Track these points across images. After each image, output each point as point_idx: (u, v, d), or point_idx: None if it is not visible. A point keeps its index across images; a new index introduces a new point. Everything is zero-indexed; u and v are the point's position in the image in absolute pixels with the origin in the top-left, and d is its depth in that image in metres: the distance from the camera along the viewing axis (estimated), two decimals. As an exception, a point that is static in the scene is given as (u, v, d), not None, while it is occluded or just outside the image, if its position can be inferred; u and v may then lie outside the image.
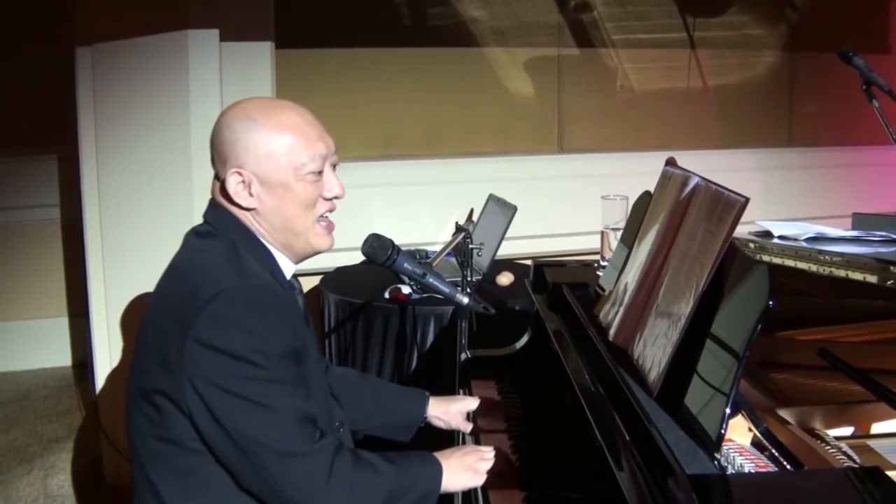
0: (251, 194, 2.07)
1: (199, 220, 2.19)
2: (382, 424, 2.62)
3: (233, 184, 2.06)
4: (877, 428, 2.01)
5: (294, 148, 2.06)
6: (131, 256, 4.17)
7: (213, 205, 2.16)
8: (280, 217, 2.10)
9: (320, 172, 2.12)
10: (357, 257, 4.18)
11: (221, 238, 2.09)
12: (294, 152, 2.06)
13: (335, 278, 4.30)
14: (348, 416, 2.46)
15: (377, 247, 2.47)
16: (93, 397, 4.50)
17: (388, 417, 2.62)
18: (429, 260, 3.18)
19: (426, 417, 2.65)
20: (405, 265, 2.48)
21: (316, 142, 2.10)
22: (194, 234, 2.16)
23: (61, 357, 5.97)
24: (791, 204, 5.26)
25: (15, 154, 5.62)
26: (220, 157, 2.10)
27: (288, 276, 2.19)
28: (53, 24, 5.07)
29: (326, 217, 2.18)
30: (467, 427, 2.63)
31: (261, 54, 4.36)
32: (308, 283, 4.08)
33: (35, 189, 5.75)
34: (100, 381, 4.36)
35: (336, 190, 2.17)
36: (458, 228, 3.20)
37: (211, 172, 2.18)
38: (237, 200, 2.08)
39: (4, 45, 5.39)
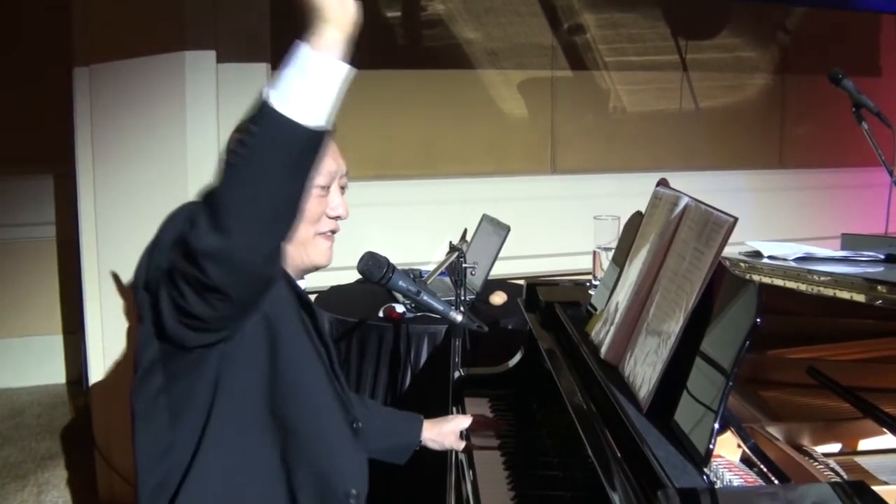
0: None
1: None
2: (378, 448, 2.61)
3: None
4: (864, 445, 2.04)
5: None
6: (127, 275, 4.18)
7: None
8: None
9: (327, 189, 2.15)
10: (351, 276, 4.23)
11: None
12: None
13: (329, 297, 4.32)
14: None
15: (372, 265, 2.50)
16: (87, 414, 4.52)
17: (384, 442, 2.63)
18: (423, 279, 3.21)
19: (421, 441, 2.67)
20: (400, 283, 2.51)
21: (326, 158, 2.11)
22: None
23: (55, 374, 5.98)
24: (782, 225, 5.30)
25: (11, 171, 5.65)
26: None
27: None
28: (50, 42, 5.11)
29: (327, 233, 2.21)
30: (460, 445, 2.65)
31: (257, 75, 4.38)
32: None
33: (31, 207, 5.77)
34: (94, 398, 4.38)
35: (340, 210, 2.19)
36: (452, 248, 3.23)
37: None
38: None
39: (1, 63, 5.42)
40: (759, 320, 1.58)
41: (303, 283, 2.27)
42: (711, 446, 1.58)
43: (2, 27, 5.34)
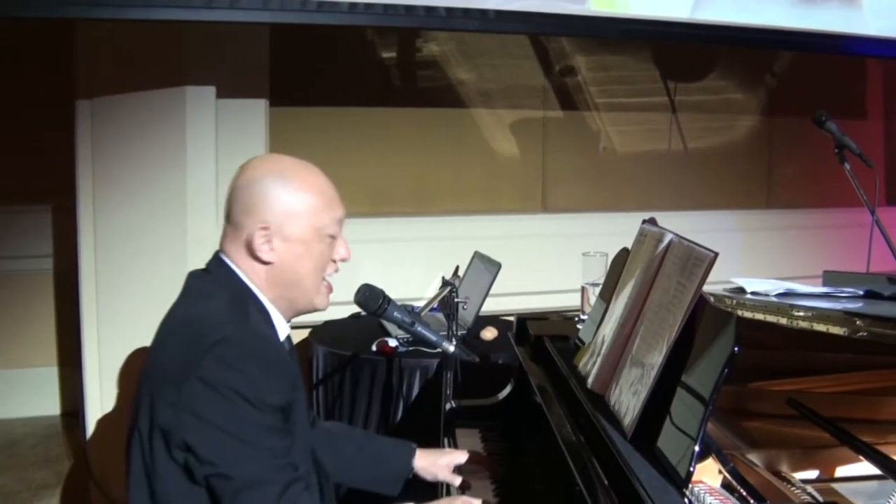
0: (272, 249, 2.15)
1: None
2: (369, 476, 2.65)
3: (258, 238, 2.13)
4: (841, 472, 2.11)
5: (319, 209, 2.17)
6: (125, 307, 4.23)
7: (217, 258, 2.23)
8: (293, 272, 2.18)
9: (335, 236, 2.23)
10: (345, 311, 4.28)
11: (225, 287, 2.16)
12: (318, 213, 2.17)
13: (324, 331, 4.36)
14: (334, 468, 2.52)
15: (369, 296, 2.57)
16: (83, 445, 4.55)
17: (374, 469, 2.65)
18: (417, 312, 3.26)
19: (413, 469, 2.66)
20: (395, 314, 2.58)
21: (337, 206, 2.21)
22: (196, 275, 2.24)
23: (50, 406, 5.99)
24: (768, 263, 5.34)
25: (9, 204, 5.69)
26: (245, 209, 2.16)
27: (282, 336, 2.25)
28: (50, 75, 5.17)
29: (328, 278, 2.28)
30: (455, 480, 2.62)
31: (255, 111, 4.47)
32: (297, 336, 4.16)
33: (29, 239, 5.80)
34: (90, 429, 4.41)
35: (344, 253, 2.27)
36: (445, 283, 3.29)
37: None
38: (258, 254, 2.14)
39: (2, 95, 5.47)
40: (737, 349, 1.65)
41: (297, 318, 2.34)
42: (692, 469, 1.65)
43: (3, 59, 5.40)
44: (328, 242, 2.21)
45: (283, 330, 2.26)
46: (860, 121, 6.05)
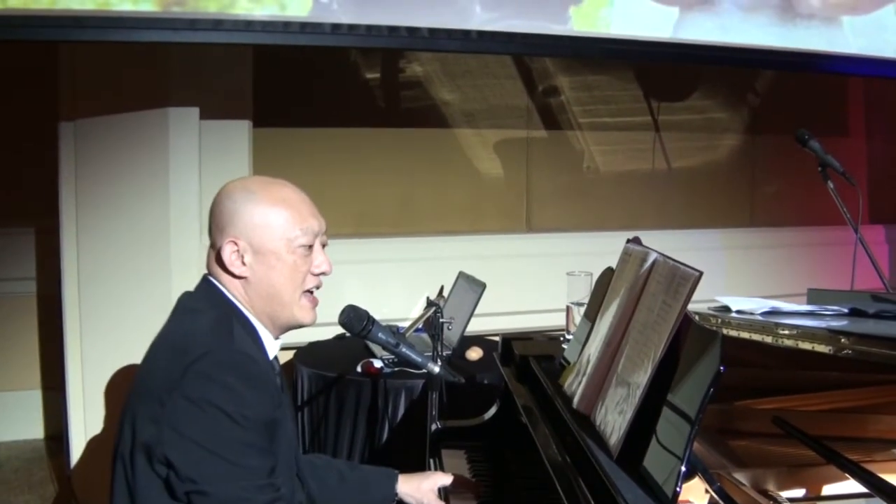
0: (244, 263, 2.17)
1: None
2: None
3: (228, 252, 2.16)
4: (827, 490, 2.10)
5: (288, 221, 2.18)
6: (109, 329, 4.21)
7: (205, 279, 2.26)
8: (269, 286, 2.19)
9: (310, 247, 2.23)
10: (330, 332, 4.27)
11: (212, 306, 2.18)
12: (288, 225, 2.18)
13: (308, 352, 4.35)
14: (318, 499, 2.52)
15: (354, 317, 2.56)
16: (67, 469, 4.52)
17: (358, 498, 2.65)
18: (401, 332, 3.26)
19: (396, 495, 2.66)
20: (380, 335, 2.57)
21: (309, 218, 2.21)
22: (187, 295, 2.27)
23: (34, 429, 5.96)
24: (753, 282, 5.35)
25: (-8, 227, 5.68)
26: (217, 227, 2.20)
27: (271, 355, 2.27)
28: (33, 97, 5.15)
29: (312, 292, 2.28)
30: None
31: (239, 132, 4.47)
32: (282, 357, 4.13)
33: (12, 262, 5.77)
34: (74, 453, 4.38)
35: (324, 266, 2.27)
36: (430, 303, 3.29)
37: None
38: (231, 269, 2.17)
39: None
40: (722, 368, 1.65)
41: (281, 340, 2.34)
42: (678, 489, 1.65)
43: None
44: (301, 254, 2.22)
45: (271, 348, 2.28)
46: (842, 138, 6.08)
